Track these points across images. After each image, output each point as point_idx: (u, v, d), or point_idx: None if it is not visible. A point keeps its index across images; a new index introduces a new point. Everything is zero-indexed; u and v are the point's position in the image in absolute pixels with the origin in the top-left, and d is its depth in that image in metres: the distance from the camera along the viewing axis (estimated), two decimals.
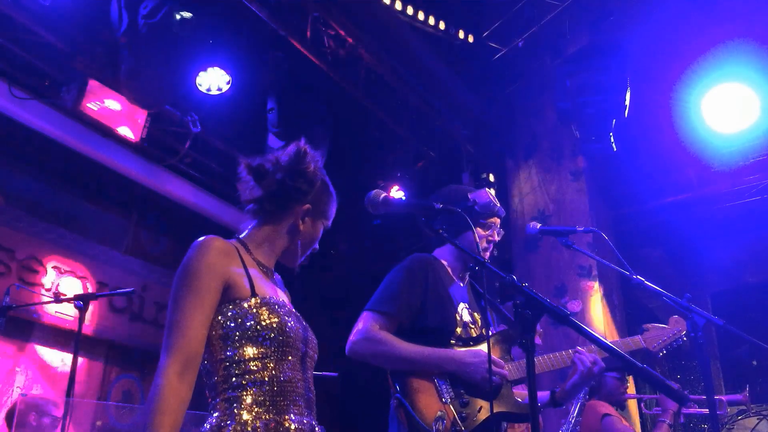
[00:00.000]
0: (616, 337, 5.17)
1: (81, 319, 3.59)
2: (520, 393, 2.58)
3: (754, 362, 6.83)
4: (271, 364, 1.66)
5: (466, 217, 2.04)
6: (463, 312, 2.54)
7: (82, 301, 3.62)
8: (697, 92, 5.02)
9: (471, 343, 2.46)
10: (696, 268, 6.88)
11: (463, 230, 2.55)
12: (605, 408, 3.97)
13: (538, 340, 3.68)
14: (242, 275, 1.72)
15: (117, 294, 5.02)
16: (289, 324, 1.72)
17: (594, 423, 3.90)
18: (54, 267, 5.22)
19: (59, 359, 5.21)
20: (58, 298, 4.07)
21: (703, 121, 5.03)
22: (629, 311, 5.81)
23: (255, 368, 1.64)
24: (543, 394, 2.60)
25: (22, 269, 4.99)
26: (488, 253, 2.65)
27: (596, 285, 5.24)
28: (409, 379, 2.35)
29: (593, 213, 5.50)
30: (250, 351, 1.65)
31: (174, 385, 1.54)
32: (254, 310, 1.68)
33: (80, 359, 5.05)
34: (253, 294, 1.70)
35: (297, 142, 1.92)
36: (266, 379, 1.64)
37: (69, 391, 3.48)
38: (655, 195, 6.08)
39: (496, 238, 2.67)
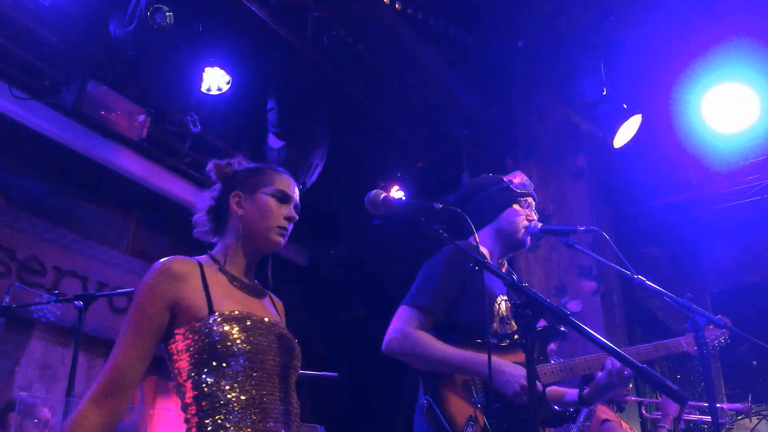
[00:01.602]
0: (617, 338, 5.16)
1: (81, 319, 3.59)
2: (555, 391, 2.56)
3: (754, 362, 6.83)
4: (237, 383, 1.62)
5: (466, 218, 2.04)
6: (501, 305, 2.53)
7: (82, 301, 3.61)
8: (697, 92, 5.02)
9: (507, 340, 2.44)
10: (696, 268, 6.88)
11: (468, 232, 2.56)
12: (605, 413, 3.96)
13: (551, 346, 3.68)
14: (199, 294, 1.71)
15: (117, 294, 5.00)
16: (256, 338, 1.68)
17: (593, 428, 3.89)
18: (54, 267, 5.22)
19: (59, 359, 5.21)
20: (58, 298, 4.06)
21: (703, 121, 5.02)
22: (629, 311, 5.81)
23: (219, 390, 1.61)
24: (570, 392, 2.60)
25: (22, 269, 4.99)
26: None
27: (596, 285, 5.23)
28: (440, 381, 2.32)
29: (593, 213, 5.50)
30: (213, 372, 1.62)
31: (86, 411, 1.58)
32: (214, 328, 1.65)
33: (80, 359, 5.04)
34: (211, 311, 1.68)
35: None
36: (232, 398, 1.61)
37: (69, 391, 3.47)
38: (656, 195, 6.07)
39: (534, 218, 2.68)
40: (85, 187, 5.60)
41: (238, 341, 1.65)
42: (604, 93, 4.84)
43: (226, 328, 1.65)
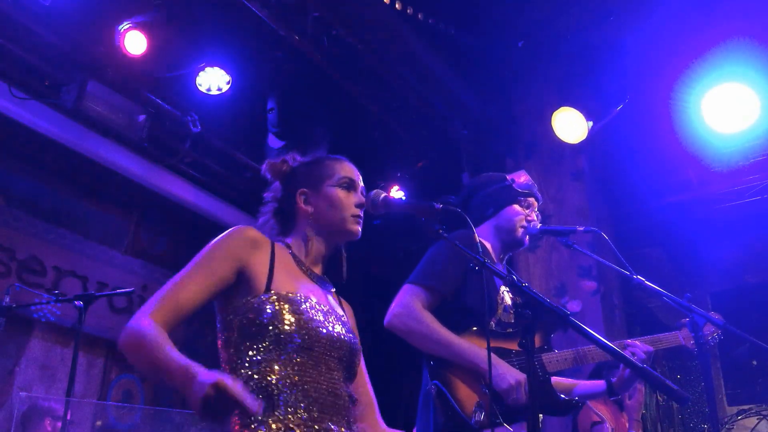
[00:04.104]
0: (617, 338, 5.16)
1: (81, 319, 3.59)
2: (560, 383, 2.57)
3: (754, 362, 6.82)
4: (281, 365, 1.58)
5: (466, 218, 2.04)
6: (505, 295, 2.54)
7: (82, 301, 3.62)
8: (697, 92, 5.01)
9: (509, 329, 2.44)
10: (696, 268, 6.88)
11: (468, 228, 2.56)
12: (603, 411, 3.91)
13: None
14: (263, 269, 1.68)
15: (117, 294, 5.02)
16: (307, 322, 1.64)
17: (585, 427, 3.86)
18: (54, 267, 5.22)
19: (59, 359, 5.22)
20: (58, 298, 4.06)
21: (703, 121, 5.02)
22: (629, 311, 5.80)
23: (263, 369, 1.58)
24: (596, 384, 2.61)
25: (22, 269, 4.99)
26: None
27: (596, 285, 5.23)
28: (447, 366, 2.32)
29: (593, 213, 5.50)
30: (259, 351, 1.59)
31: (157, 326, 1.50)
32: (267, 307, 1.62)
33: (80, 359, 5.05)
34: (268, 289, 1.65)
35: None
36: (274, 379, 1.57)
37: (69, 391, 3.48)
38: (655, 195, 6.07)
39: (534, 218, 2.69)
40: (85, 187, 5.60)
41: (287, 322, 1.61)
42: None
43: (278, 307, 1.62)
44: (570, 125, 5.06)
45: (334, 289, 1.94)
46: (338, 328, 1.72)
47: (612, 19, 5.16)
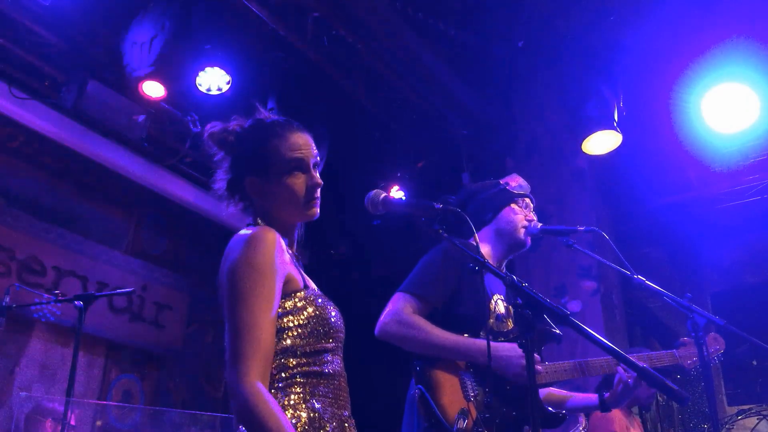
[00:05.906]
0: (616, 338, 5.16)
1: (81, 319, 3.59)
2: (554, 395, 2.55)
3: (754, 362, 6.82)
4: (329, 357, 1.62)
5: (466, 218, 2.03)
6: (498, 303, 2.52)
7: (82, 301, 3.62)
8: (697, 92, 5.01)
9: (501, 338, 2.43)
10: (696, 268, 6.88)
11: (468, 233, 2.56)
12: (617, 424, 3.87)
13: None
14: (294, 266, 1.67)
15: (117, 294, 5.03)
16: (336, 315, 1.68)
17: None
18: (54, 267, 5.22)
19: (59, 359, 5.21)
20: (58, 298, 4.06)
21: (703, 121, 5.02)
22: (629, 311, 5.81)
23: (315, 361, 1.59)
24: (589, 397, 2.59)
25: (22, 269, 4.99)
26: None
27: (596, 285, 5.23)
28: (433, 371, 2.31)
29: (593, 213, 5.50)
30: (307, 342, 1.59)
31: (262, 390, 1.44)
32: (308, 302, 1.62)
33: (80, 359, 5.04)
34: (305, 285, 1.66)
35: None
36: (326, 372, 1.60)
37: (69, 391, 3.47)
38: (656, 195, 6.07)
39: (533, 218, 2.69)
40: (85, 187, 5.60)
41: (330, 318, 1.64)
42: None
43: (318, 302, 1.64)
44: (601, 144, 5.04)
45: None
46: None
47: (612, 19, 5.16)
